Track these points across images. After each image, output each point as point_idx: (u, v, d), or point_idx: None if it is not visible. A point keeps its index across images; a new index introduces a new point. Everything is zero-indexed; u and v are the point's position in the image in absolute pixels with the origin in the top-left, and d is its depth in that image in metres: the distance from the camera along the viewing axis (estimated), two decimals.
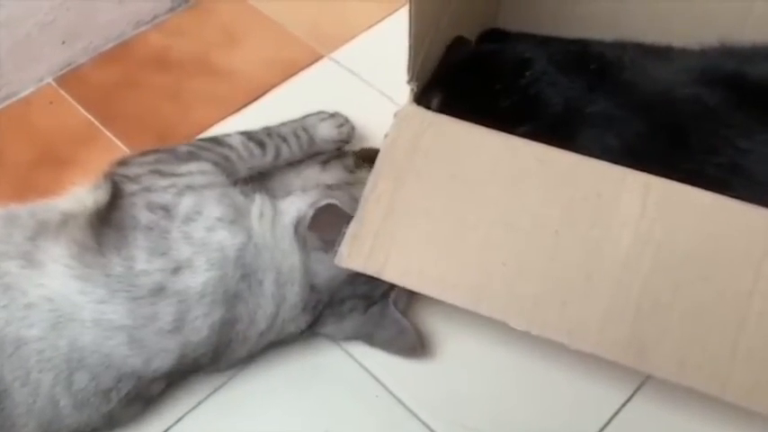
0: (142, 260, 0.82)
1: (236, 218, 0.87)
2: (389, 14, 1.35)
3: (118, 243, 0.82)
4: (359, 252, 0.81)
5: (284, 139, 1.01)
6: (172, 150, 0.94)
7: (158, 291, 0.81)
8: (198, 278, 0.82)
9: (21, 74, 1.23)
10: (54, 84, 1.26)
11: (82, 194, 0.89)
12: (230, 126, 1.18)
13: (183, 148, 0.95)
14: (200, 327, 0.82)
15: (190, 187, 0.87)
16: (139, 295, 0.80)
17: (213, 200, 0.87)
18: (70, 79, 1.27)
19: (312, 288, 0.88)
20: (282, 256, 0.87)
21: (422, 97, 0.89)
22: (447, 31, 0.98)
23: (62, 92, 1.25)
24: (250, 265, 0.85)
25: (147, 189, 0.87)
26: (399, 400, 0.92)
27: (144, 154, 0.94)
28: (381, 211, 0.82)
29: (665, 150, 0.89)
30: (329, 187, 0.97)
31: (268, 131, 1.01)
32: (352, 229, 0.82)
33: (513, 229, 0.79)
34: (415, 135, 0.84)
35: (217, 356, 0.86)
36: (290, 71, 1.27)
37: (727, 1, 1.01)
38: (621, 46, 1.00)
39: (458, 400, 0.92)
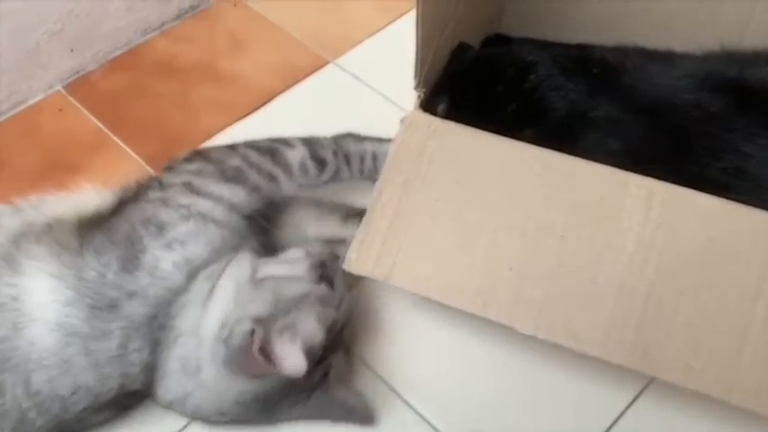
0: (114, 271, 0.80)
1: (200, 267, 0.84)
2: (394, 20, 1.36)
3: (101, 247, 0.81)
4: (366, 258, 0.82)
5: (348, 162, 0.97)
6: (220, 162, 0.91)
7: (114, 307, 0.79)
8: (143, 309, 0.80)
9: (30, 81, 1.24)
10: (63, 91, 1.27)
11: (87, 198, 0.89)
12: (237, 132, 1.19)
13: (234, 163, 0.91)
14: (135, 361, 0.80)
15: (202, 215, 0.85)
16: (100, 305, 0.79)
17: (205, 238, 0.84)
18: (79, 86, 1.28)
19: (236, 402, 0.82)
20: (197, 345, 0.82)
21: (427, 103, 0.90)
22: (452, 37, 0.99)
23: (71, 99, 1.26)
24: (173, 320, 0.82)
25: (164, 202, 0.85)
26: (408, 404, 0.92)
27: (191, 160, 0.92)
28: (388, 217, 0.83)
29: (667, 155, 0.89)
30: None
31: (335, 148, 0.97)
32: (359, 234, 0.82)
33: (519, 234, 0.80)
34: (420, 141, 0.85)
35: (149, 396, 0.85)
36: (295, 77, 1.28)
37: (729, 6, 1.02)
38: (623, 50, 1.01)
39: (463, 402, 0.92)
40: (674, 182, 0.80)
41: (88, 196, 0.91)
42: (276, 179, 0.92)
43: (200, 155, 0.93)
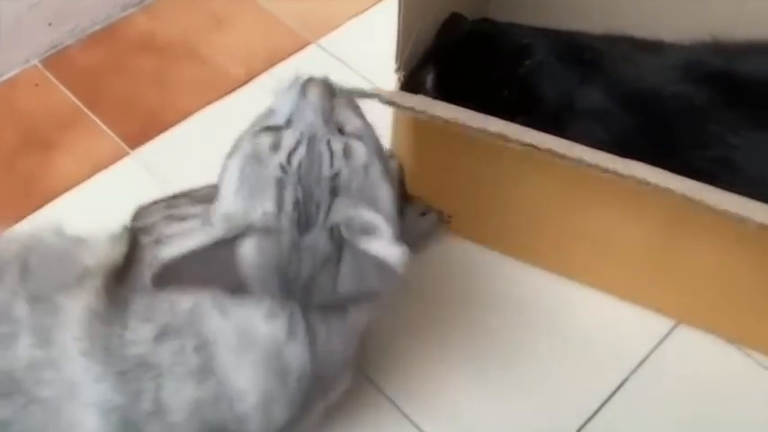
0: (132, 327, 0.74)
1: None
2: (377, 2, 1.34)
3: (121, 310, 0.76)
4: None
5: None
6: (187, 194, 0.87)
7: (142, 364, 0.73)
8: (169, 347, 0.74)
9: (6, 55, 1.22)
10: (40, 66, 1.25)
11: (105, 247, 0.83)
12: (215, 111, 1.18)
13: (201, 192, 0.84)
14: (175, 406, 0.74)
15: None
16: (126, 368, 0.73)
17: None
18: (56, 61, 1.25)
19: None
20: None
21: (416, 74, 0.88)
22: (436, 21, 0.98)
23: (48, 74, 1.24)
24: (203, 336, 0.74)
25: (158, 241, 0.80)
26: (396, 406, 0.91)
27: (157, 201, 0.87)
28: None
29: (653, 146, 0.88)
30: None
31: None
32: None
33: None
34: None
35: None
36: (276, 57, 1.26)
37: None
38: (612, 40, 1.00)
39: (452, 405, 0.91)
40: None
41: (107, 243, 0.84)
42: None
43: (165, 197, 0.88)
